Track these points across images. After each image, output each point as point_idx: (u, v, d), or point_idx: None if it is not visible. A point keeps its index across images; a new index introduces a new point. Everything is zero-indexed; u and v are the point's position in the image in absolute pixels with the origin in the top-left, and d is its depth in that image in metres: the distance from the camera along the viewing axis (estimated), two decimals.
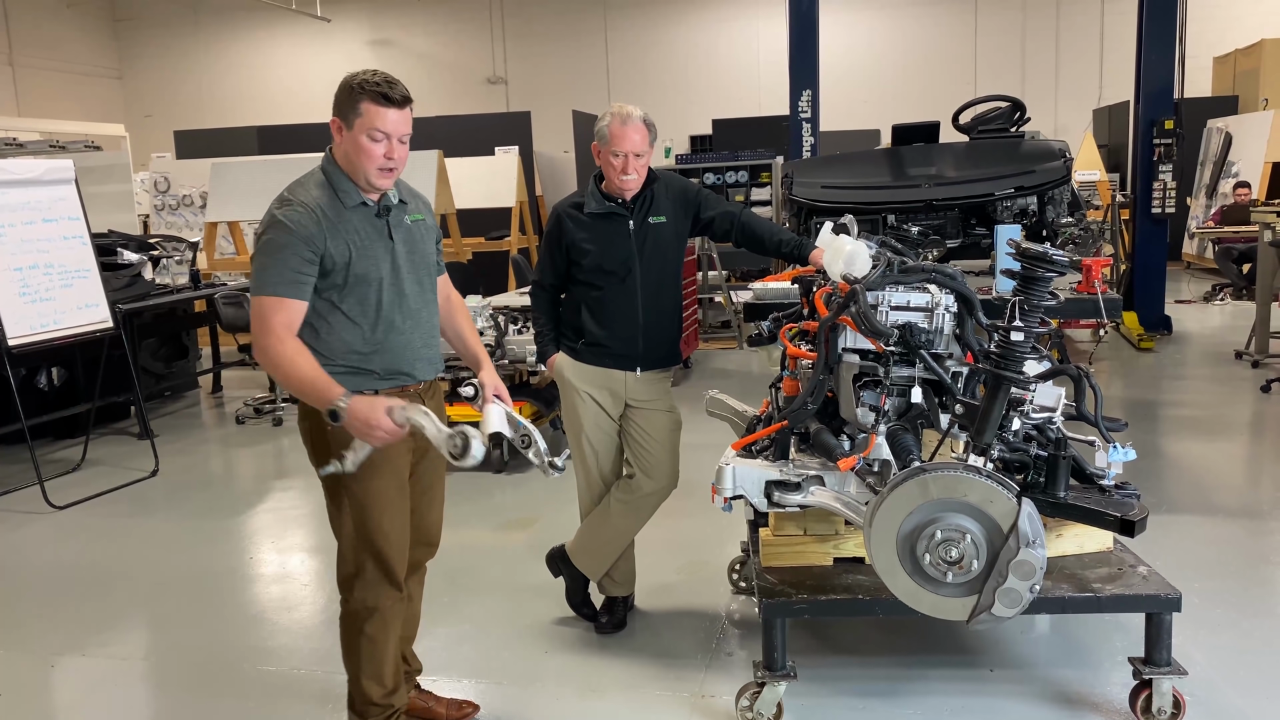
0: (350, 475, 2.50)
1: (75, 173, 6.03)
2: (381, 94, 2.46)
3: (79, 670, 3.55)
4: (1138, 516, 2.53)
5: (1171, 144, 8.83)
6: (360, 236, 2.52)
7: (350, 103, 2.47)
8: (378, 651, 2.68)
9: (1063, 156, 5.42)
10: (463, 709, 3.04)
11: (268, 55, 20.25)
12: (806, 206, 5.49)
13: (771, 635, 2.86)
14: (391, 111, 2.47)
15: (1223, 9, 15.98)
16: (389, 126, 2.47)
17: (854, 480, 2.76)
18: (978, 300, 2.73)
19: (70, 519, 5.24)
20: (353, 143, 2.49)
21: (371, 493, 2.57)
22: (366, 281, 2.53)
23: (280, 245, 2.44)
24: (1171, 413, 6.56)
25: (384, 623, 2.68)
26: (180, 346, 8.07)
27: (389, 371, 2.59)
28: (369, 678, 2.69)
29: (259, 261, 2.47)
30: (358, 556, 2.64)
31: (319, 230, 2.46)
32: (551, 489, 5.28)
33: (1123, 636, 3.27)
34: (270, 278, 2.43)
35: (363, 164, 2.49)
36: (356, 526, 2.61)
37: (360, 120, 2.46)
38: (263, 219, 2.51)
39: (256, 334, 2.45)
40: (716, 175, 10.54)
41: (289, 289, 2.44)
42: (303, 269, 2.45)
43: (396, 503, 2.63)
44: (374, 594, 2.65)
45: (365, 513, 2.59)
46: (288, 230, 2.44)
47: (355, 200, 2.54)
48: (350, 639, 2.70)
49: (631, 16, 18.77)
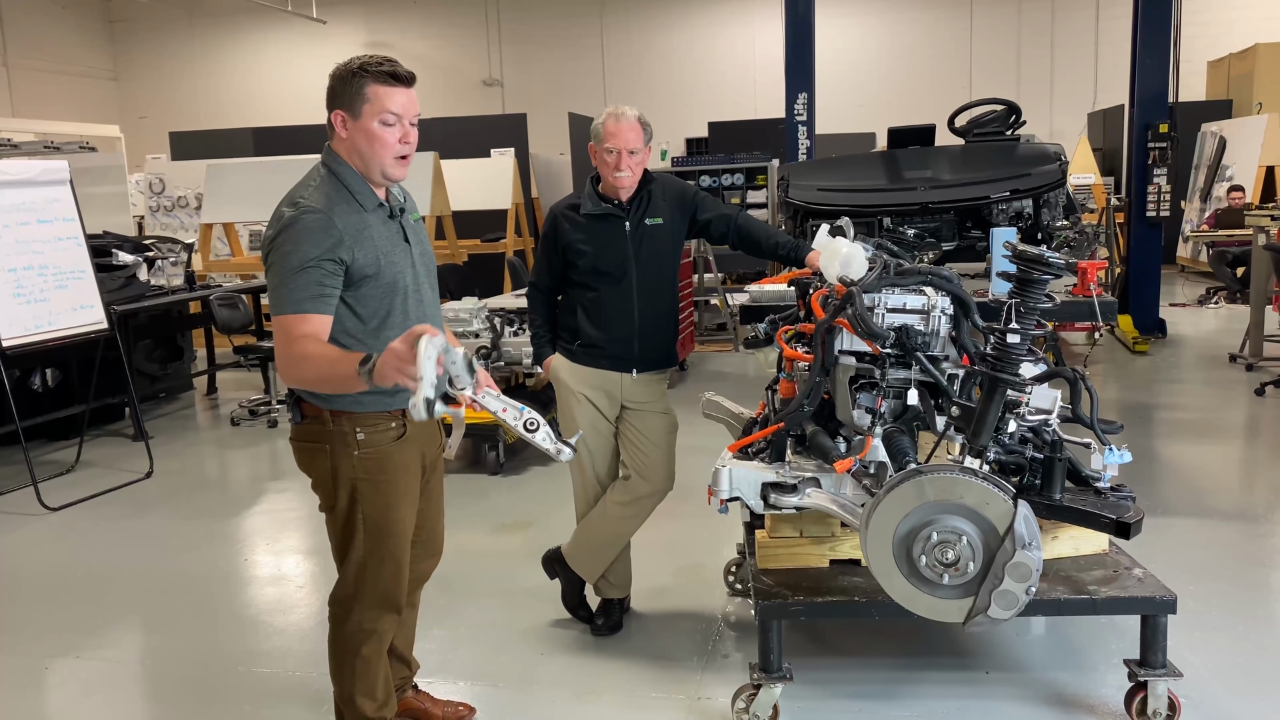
0: (370, 503, 2.40)
1: (70, 174, 6.02)
2: (388, 73, 2.29)
3: (73, 673, 3.54)
4: (1133, 519, 2.54)
5: (1166, 148, 8.86)
6: (384, 243, 2.37)
7: (354, 89, 2.29)
8: (371, 670, 2.59)
9: (1058, 160, 5.43)
10: (458, 711, 3.01)
11: (263, 57, 20.24)
12: (802, 209, 5.50)
13: (767, 637, 2.86)
14: (400, 91, 2.31)
15: (1217, 14, 16.05)
16: (400, 107, 2.30)
17: (850, 482, 2.76)
18: (974, 303, 2.74)
19: (64, 521, 5.23)
20: (363, 132, 2.30)
21: (389, 520, 2.47)
22: (395, 290, 2.38)
23: (301, 258, 2.23)
24: (1166, 416, 6.57)
25: (380, 644, 2.59)
26: (175, 348, 8.05)
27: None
28: (362, 695, 2.60)
29: (279, 276, 2.25)
30: (362, 581, 2.51)
31: (341, 238, 2.27)
32: (547, 491, 5.28)
33: (1118, 639, 3.28)
34: (293, 294, 2.23)
35: (377, 153, 2.31)
36: (368, 553, 2.48)
37: (369, 106, 2.28)
38: (274, 223, 2.30)
39: (280, 353, 2.25)
40: (712, 178, 10.55)
41: (314, 304, 2.24)
42: (325, 281, 2.25)
43: (409, 530, 2.56)
44: (372, 617, 2.55)
45: (379, 540, 2.48)
46: (309, 240, 2.24)
47: (374, 203, 2.38)
48: (343, 659, 2.59)
49: (628, 19, 18.80)
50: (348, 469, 2.42)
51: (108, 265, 6.98)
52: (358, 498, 2.44)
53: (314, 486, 2.51)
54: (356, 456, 2.40)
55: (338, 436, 2.40)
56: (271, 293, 2.29)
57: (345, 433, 2.40)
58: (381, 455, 2.42)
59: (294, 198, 2.33)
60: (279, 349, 2.26)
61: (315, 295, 2.24)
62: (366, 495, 2.44)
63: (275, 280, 2.27)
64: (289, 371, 2.26)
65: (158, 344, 7.87)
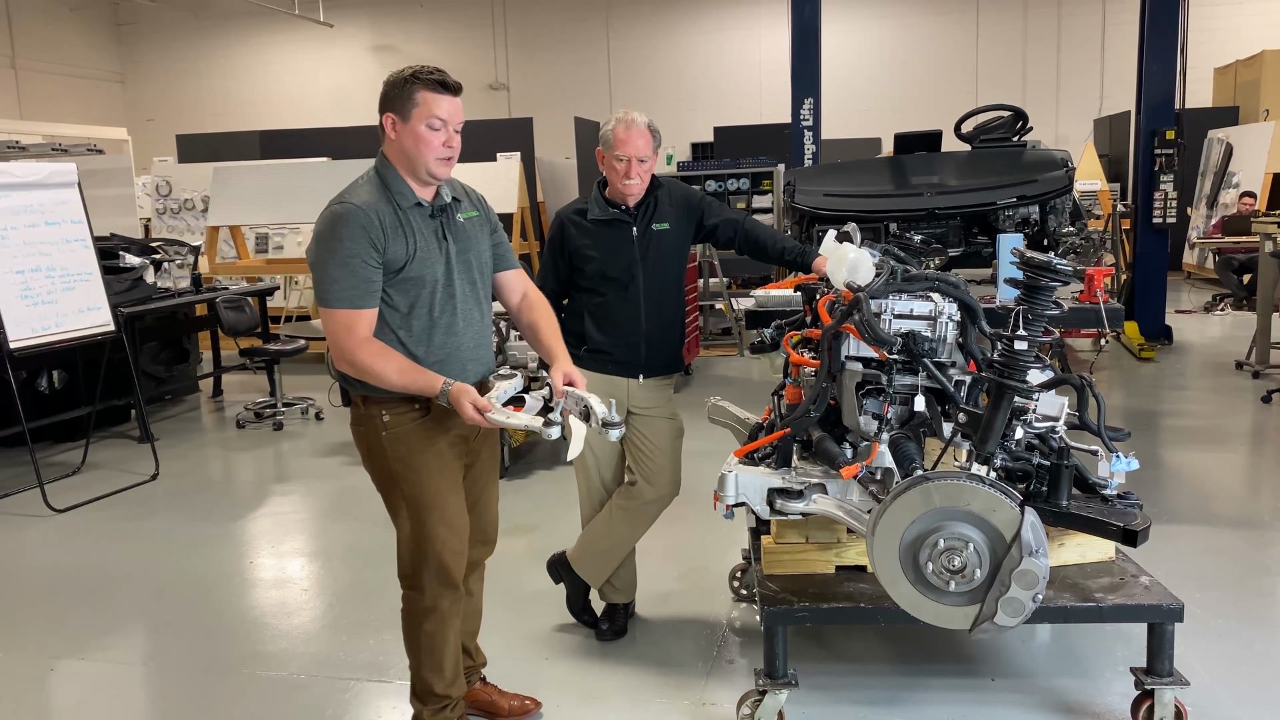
0: (406, 481, 2.59)
1: (77, 176, 6.03)
2: (438, 81, 2.49)
3: (78, 674, 3.54)
4: (1140, 526, 2.53)
5: (1172, 154, 8.84)
6: (419, 238, 2.53)
7: (406, 94, 2.48)
8: (436, 646, 2.73)
9: (1065, 166, 5.43)
10: (524, 705, 3.08)
11: (270, 60, 20.30)
12: (809, 214, 5.50)
13: (773, 643, 2.85)
14: (448, 98, 2.51)
15: (1223, 20, 16.04)
16: (446, 113, 2.50)
17: (856, 488, 2.75)
18: (981, 309, 2.73)
19: (70, 522, 5.24)
20: (411, 134, 2.49)
21: (427, 497, 2.61)
22: (421, 284, 2.53)
23: (347, 252, 2.43)
24: (1172, 423, 6.55)
25: (442, 620, 2.72)
26: (181, 350, 8.06)
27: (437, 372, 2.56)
28: (429, 670, 2.75)
29: (327, 272, 2.46)
30: (414, 558, 2.67)
31: (380, 232, 2.46)
32: (552, 495, 5.28)
33: (1124, 646, 3.27)
34: (343, 290, 2.44)
35: (422, 154, 2.50)
36: (414, 530, 2.64)
37: (418, 110, 2.48)
38: (320, 220, 2.51)
39: (338, 347, 2.47)
40: (718, 183, 10.55)
41: (363, 299, 2.46)
42: (371, 275, 2.46)
43: (452, 506, 2.66)
44: (431, 594, 2.69)
45: (421, 517, 2.63)
46: (352, 234, 2.44)
47: (411, 201, 2.54)
48: (411, 632, 2.76)
49: (634, 23, 18.82)
50: (379, 449, 2.61)
51: (114, 267, 7.00)
52: (395, 477, 2.62)
53: (364, 465, 2.70)
54: (385, 437, 2.58)
55: (369, 419, 2.60)
56: (319, 285, 2.49)
57: (374, 416, 2.59)
58: (408, 435, 2.57)
59: (341, 197, 2.52)
60: (335, 341, 2.48)
61: (365, 291, 2.46)
62: (401, 474, 2.61)
63: (322, 272, 2.47)
64: (351, 369, 2.49)
65: (164, 346, 7.89)
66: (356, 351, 2.45)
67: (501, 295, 2.86)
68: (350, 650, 3.60)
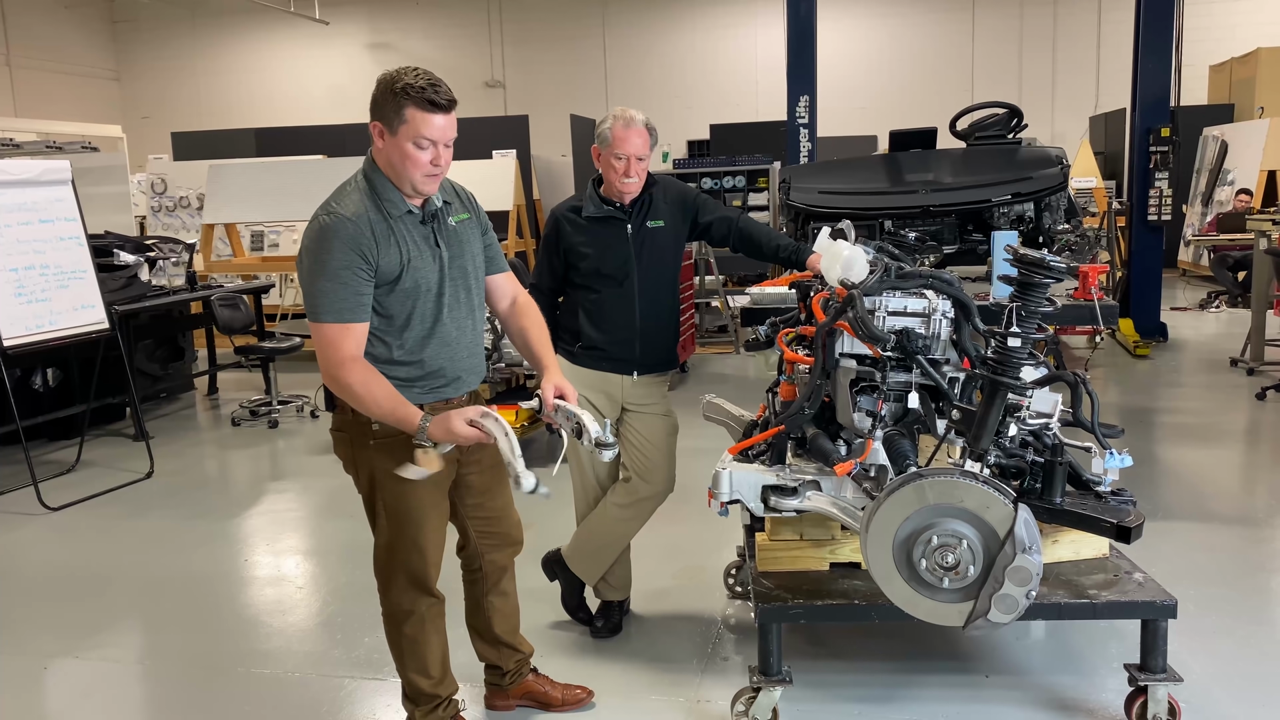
0: (387, 490, 2.54)
1: (72, 174, 6.02)
2: (428, 99, 2.35)
3: (72, 673, 3.54)
4: (1133, 523, 2.53)
5: (1168, 152, 8.85)
6: (411, 247, 2.45)
7: (394, 107, 2.36)
8: (419, 648, 2.73)
9: (1060, 163, 5.42)
10: (576, 695, 3.09)
11: (266, 57, 20.25)
12: (804, 212, 5.49)
13: (767, 640, 2.86)
14: (438, 117, 2.37)
15: (1218, 18, 16.04)
16: (435, 133, 2.38)
17: (850, 485, 2.76)
18: (975, 306, 2.74)
19: (65, 520, 5.23)
20: (397, 149, 2.38)
21: (405, 507, 2.58)
22: (415, 294, 2.47)
23: (338, 264, 2.35)
24: (1167, 420, 6.57)
25: (421, 623, 2.71)
26: (176, 348, 8.05)
27: (431, 382, 2.55)
28: (414, 671, 2.75)
29: (316, 284, 2.37)
30: (389, 565, 2.66)
31: (371, 243, 2.37)
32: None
33: (1118, 643, 3.27)
34: (332, 303, 2.35)
35: (408, 171, 2.40)
36: (391, 538, 2.62)
37: (405, 127, 2.36)
38: (308, 232, 2.41)
39: (326, 362, 2.38)
40: (714, 180, 10.56)
41: (353, 313, 2.37)
42: (361, 289, 2.37)
43: (431, 518, 2.63)
44: (408, 599, 2.69)
45: (399, 526, 2.60)
46: (342, 246, 2.35)
47: (401, 209, 2.45)
48: (392, 636, 2.76)
49: (630, 21, 18.80)
50: (365, 458, 2.57)
51: (109, 265, 6.98)
52: (376, 485, 2.58)
53: (345, 470, 2.66)
54: (372, 446, 2.53)
55: (356, 427, 2.55)
56: (308, 299, 2.41)
57: (363, 424, 2.52)
58: (395, 446, 2.49)
59: (329, 206, 2.43)
60: (323, 356, 2.39)
61: (355, 305, 2.38)
62: (383, 483, 2.56)
63: (311, 285, 2.39)
64: (335, 387, 2.41)
65: (159, 344, 7.88)
66: (342, 370, 2.37)
67: (491, 299, 2.78)
68: (345, 648, 3.60)
